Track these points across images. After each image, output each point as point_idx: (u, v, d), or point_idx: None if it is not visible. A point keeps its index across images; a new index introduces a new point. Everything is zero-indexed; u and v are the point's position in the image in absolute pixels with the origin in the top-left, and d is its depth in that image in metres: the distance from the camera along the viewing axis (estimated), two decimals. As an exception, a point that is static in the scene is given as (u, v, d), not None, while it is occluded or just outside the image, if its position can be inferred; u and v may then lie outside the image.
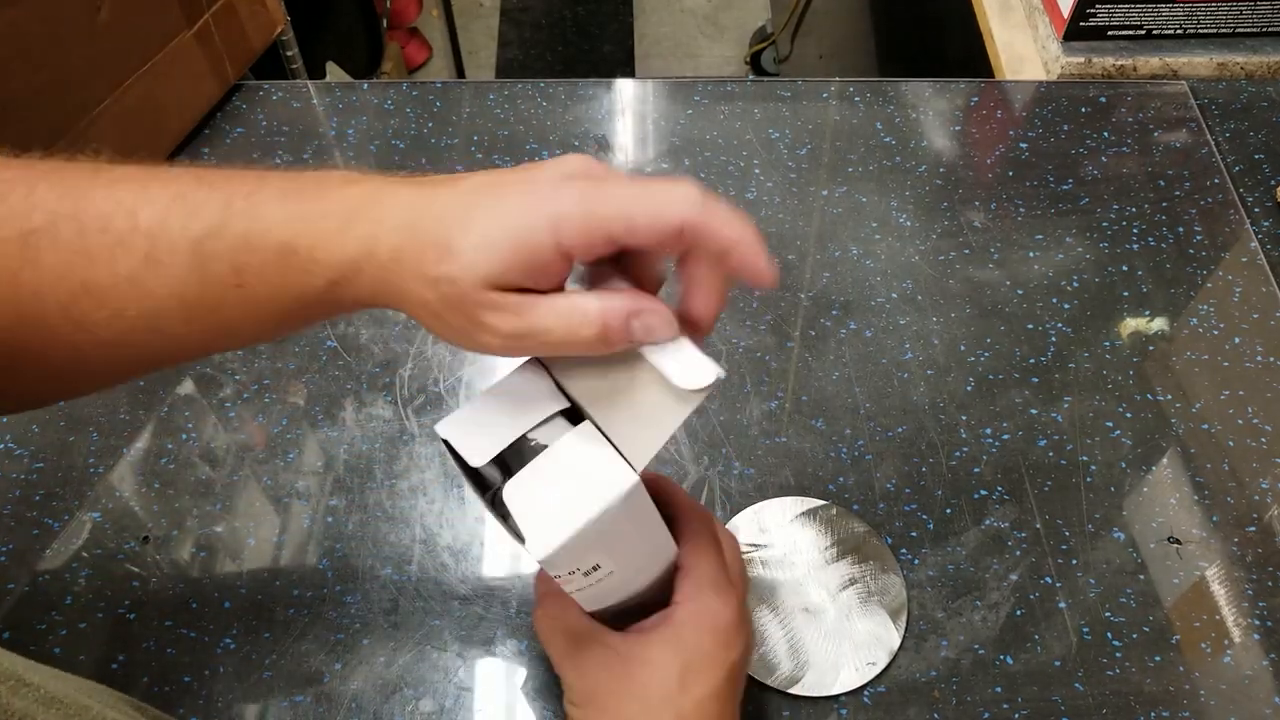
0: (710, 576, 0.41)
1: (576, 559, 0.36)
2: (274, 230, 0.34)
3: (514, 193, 0.33)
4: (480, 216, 0.32)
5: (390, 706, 0.51)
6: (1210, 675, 0.53)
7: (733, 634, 0.41)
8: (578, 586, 0.38)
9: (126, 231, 0.35)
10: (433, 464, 0.60)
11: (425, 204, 0.33)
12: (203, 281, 0.35)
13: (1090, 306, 0.68)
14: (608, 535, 0.36)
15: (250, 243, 0.35)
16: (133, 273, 0.35)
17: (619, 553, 0.38)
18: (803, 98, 0.80)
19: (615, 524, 0.35)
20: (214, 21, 0.73)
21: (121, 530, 0.57)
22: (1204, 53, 0.84)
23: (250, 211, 0.35)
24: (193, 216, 0.35)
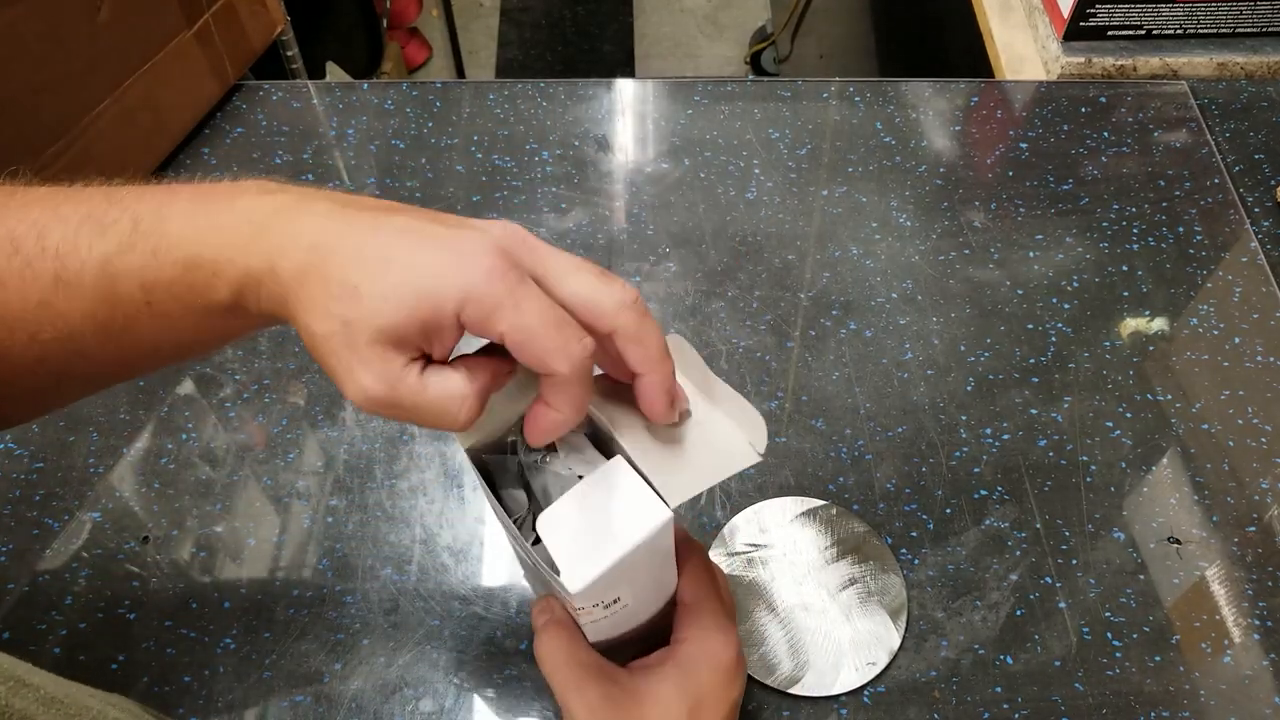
0: (713, 614, 0.42)
1: (604, 592, 0.36)
2: (181, 244, 0.34)
3: (433, 249, 0.32)
4: (394, 267, 0.31)
5: (390, 706, 0.51)
6: (1210, 675, 0.53)
7: (734, 672, 0.41)
8: (594, 618, 0.38)
9: (36, 254, 0.34)
10: (433, 464, 0.60)
11: (341, 232, 0.32)
12: (112, 301, 0.34)
13: (1090, 306, 0.68)
14: (635, 569, 0.36)
15: (157, 259, 0.34)
16: (43, 296, 0.34)
17: (638, 585, 0.38)
18: (803, 98, 0.80)
19: (644, 558, 0.36)
20: (214, 21, 0.73)
21: (121, 530, 0.57)
22: (1204, 53, 0.84)
23: (158, 227, 0.34)
24: (100, 235, 0.34)
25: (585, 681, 0.40)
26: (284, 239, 0.32)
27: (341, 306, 0.31)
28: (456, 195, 0.72)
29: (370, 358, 0.32)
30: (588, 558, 0.34)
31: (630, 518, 0.35)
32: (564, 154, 0.75)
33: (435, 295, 0.31)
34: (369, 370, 0.32)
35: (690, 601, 0.42)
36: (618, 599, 0.37)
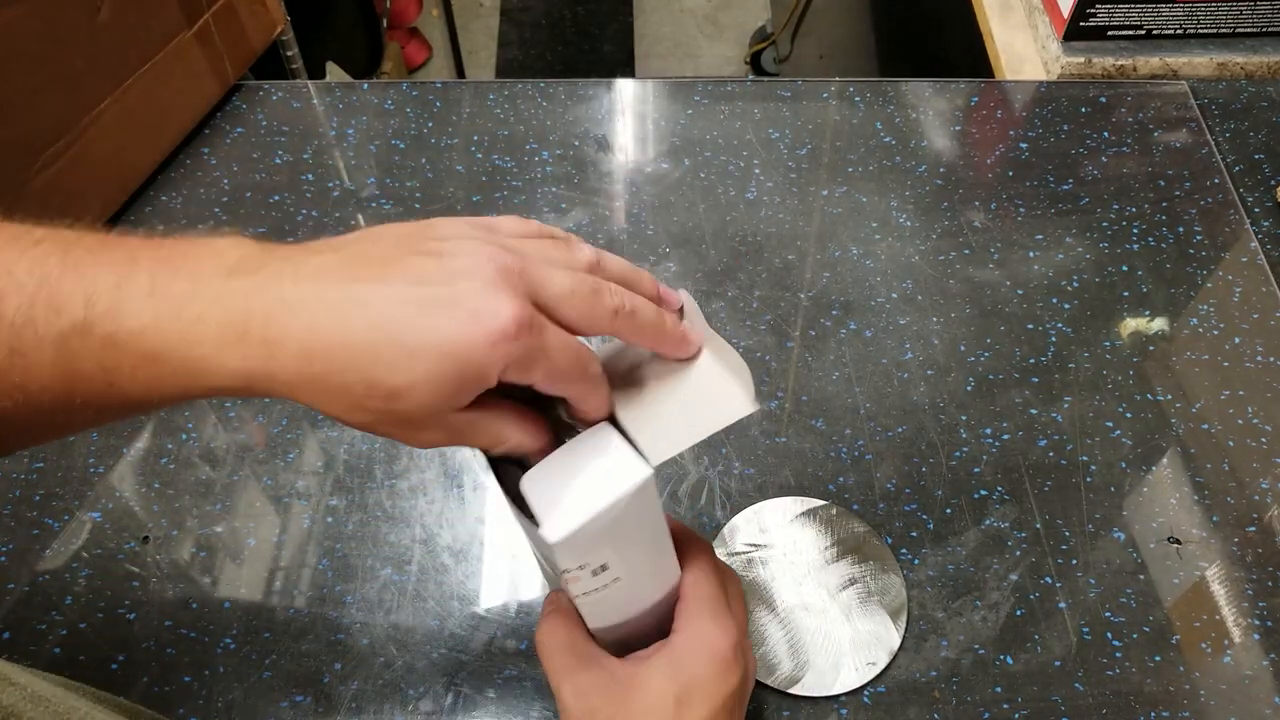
0: (708, 603, 0.41)
1: (588, 551, 0.36)
2: (144, 335, 0.31)
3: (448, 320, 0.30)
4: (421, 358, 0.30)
5: (390, 706, 0.51)
6: (1210, 675, 0.53)
7: (729, 663, 0.40)
8: (584, 588, 0.38)
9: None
10: (432, 464, 0.60)
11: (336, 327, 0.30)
12: (70, 379, 0.32)
13: (1090, 306, 0.68)
14: (619, 530, 0.36)
15: (117, 347, 0.32)
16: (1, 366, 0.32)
17: (628, 555, 0.38)
18: (803, 98, 0.80)
19: (627, 517, 0.36)
20: (214, 21, 0.73)
21: (121, 530, 0.57)
22: (1204, 53, 0.84)
23: (115, 310, 0.31)
24: (57, 313, 0.32)
25: (576, 668, 0.40)
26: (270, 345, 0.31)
27: (380, 403, 0.31)
28: (456, 195, 0.72)
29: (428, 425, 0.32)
30: (567, 511, 0.35)
31: (611, 476, 0.36)
32: (564, 154, 0.75)
33: (479, 371, 0.31)
34: (428, 433, 0.33)
35: (688, 594, 0.42)
36: (605, 566, 0.37)
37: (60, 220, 0.35)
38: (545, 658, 0.41)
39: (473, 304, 0.31)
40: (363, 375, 0.30)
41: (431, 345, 0.30)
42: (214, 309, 0.31)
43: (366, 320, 0.30)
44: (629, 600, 0.41)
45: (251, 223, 0.70)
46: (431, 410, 0.31)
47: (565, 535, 0.35)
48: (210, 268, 0.32)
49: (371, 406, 0.31)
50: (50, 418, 0.34)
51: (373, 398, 0.31)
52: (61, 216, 0.36)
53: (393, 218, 0.71)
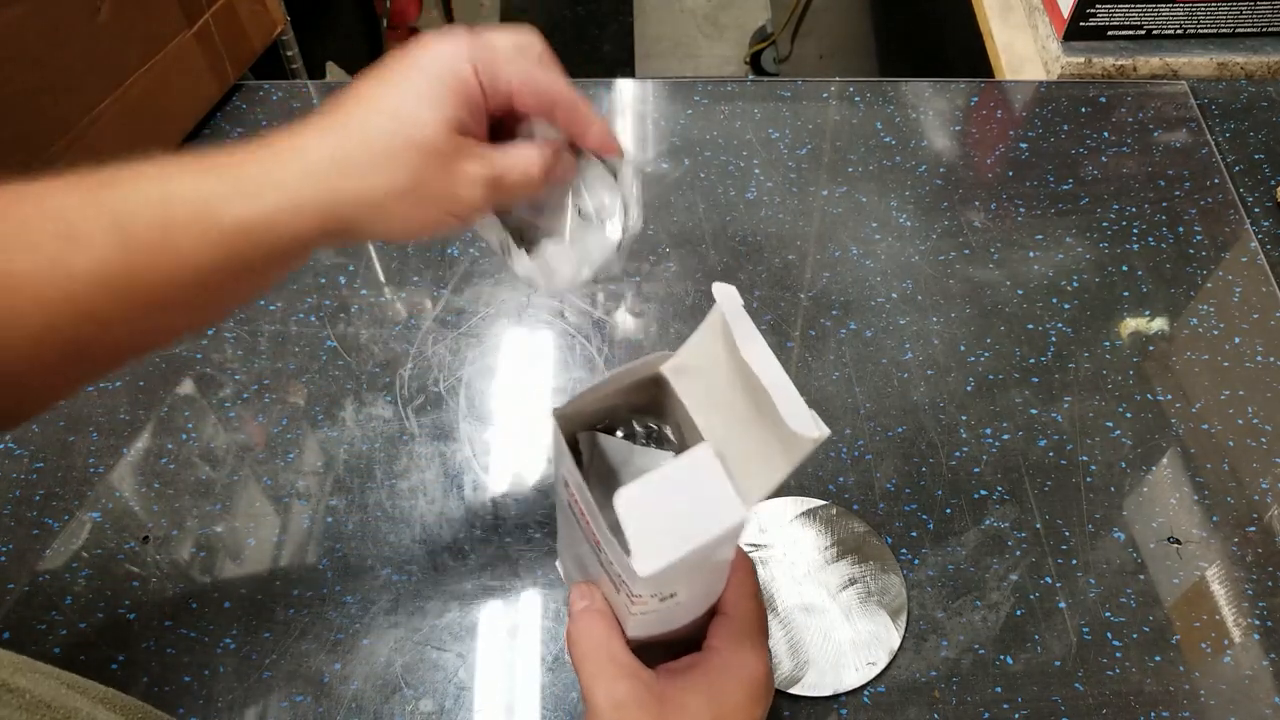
0: (750, 627, 0.41)
1: (666, 584, 0.35)
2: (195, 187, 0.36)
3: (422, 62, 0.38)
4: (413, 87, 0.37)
5: (390, 706, 0.51)
6: (1210, 675, 0.53)
7: (763, 688, 0.41)
8: (645, 609, 0.37)
9: (37, 215, 0.34)
10: (433, 464, 0.60)
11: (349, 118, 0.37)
12: (125, 248, 0.34)
13: (1090, 306, 0.68)
14: (700, 566, 0.35)
15: (171, 200, 0.35)
16: (54, 253, 0.34)
17: (696, 583, 0.37)
18: (803, 98, 0.80)
19: (711, 557, 0.35)
20: (214, 21, 0.73)
21: (121, 530, 0.57)
22: (1204, 53, 0.84)
23: (166, 175, 0.36)
24: (105, 187, 0.35)
25: (615, 676, 0.39)
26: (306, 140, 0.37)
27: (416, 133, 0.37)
28: (456, 195, 0.72)
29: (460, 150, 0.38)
30: (661, 545, 0.34)
31: (708, 511, 0.34)
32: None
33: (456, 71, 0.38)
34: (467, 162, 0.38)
35: (730, 611, 0.41)
36: (674, 594, 0.37)
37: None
38: (580, 658, 0.40)
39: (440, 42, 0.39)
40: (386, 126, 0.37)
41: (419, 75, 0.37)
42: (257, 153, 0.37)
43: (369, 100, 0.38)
44: (678, 617, 0.40)
45: (251, 223, 0.70)
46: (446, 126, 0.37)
47: (655, 572, 0.33)
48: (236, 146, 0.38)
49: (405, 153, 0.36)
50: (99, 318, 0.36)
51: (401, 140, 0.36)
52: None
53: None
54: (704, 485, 0.35)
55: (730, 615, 0.41)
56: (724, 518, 0.34)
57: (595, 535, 0.36)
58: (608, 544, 0.35)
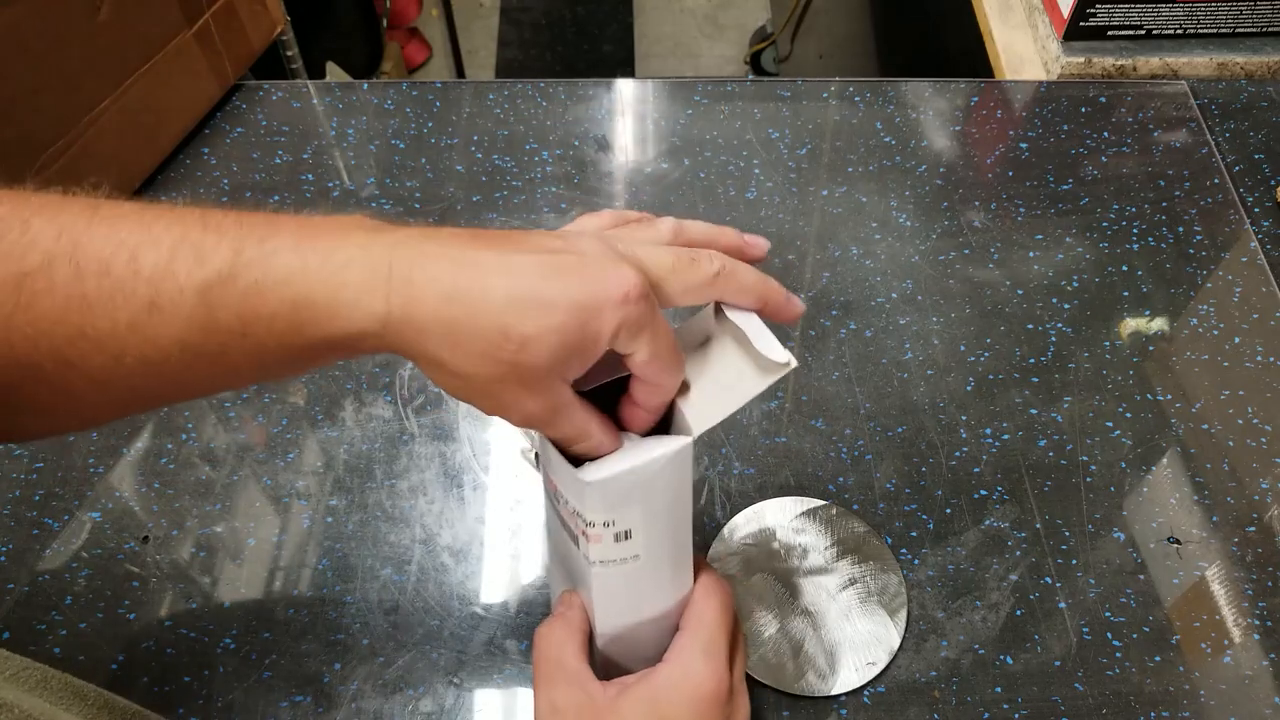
0: (706, 635, 0.40)
1: (617, 505, 0.37)
2: (290, 281, 0.33)
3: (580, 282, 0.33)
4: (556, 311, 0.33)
5: (390, 706, 0.51)
6: (1210, 675, 0.53)
7: (713, 707, 0.39)
8: (605, 554, 0.38)
9: (128, 277, 0.33)
10: (432, 464, 0.60)
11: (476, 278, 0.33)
12: (207, 330, 0.34)
13: (1090, 306, 0.68)
14: (650, 493, 0.37)
15: (262, 293, 0.33)
16: (134, 319, 0.33)
17: (652, 530, 0.38)
18: (803, 97, 0.80)
19: (660, 482, 0.37)
20: (214, 21, 0.73)
21: (121, 530, 0.57)
22: (1204, 53, 0.84)
23: (263, 261, 0.33)
24: (200, 263, 0.33)
25: (559, 681, 0.39)
26: (413, 286, 0.33)
27: (510, 352, 0.33)
28: (456, 195, 0.72)
29: (542, 389, 0.34)
30: (607, 463, 0.36)
31: (657, 443, 0.37)
32: (564, 154, 0.75)
33: (598, 329, 0.33)
34: (537, 399, 0.35)
35: (689, 624, 0.41)
36: (629, 533, 0.37)
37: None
38: (535, 660, 0.41)
39: (601, 269, 0.34)
40: (499, 320, 0.32)
41: (565, 298, 0.33)
42: (359, 256, 0.33)
43: (506, 273, 0.33)
44: (641, 592, 0.40)
45: (251, 223, 0.70)
46: (550, 366, 0.34)
47: (600, 478, 0.35)
48: (351, 226, 0.34)
49: (502, 356, 0.33)
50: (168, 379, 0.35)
51: (506, 345, 0.33)
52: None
53: (393, 218, 0.71)
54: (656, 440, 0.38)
55: (687, 628, 0.40)
56: (670, 443, 0.37)
57: (554, 483, 0.38)
58: (557, 469, 0.37)
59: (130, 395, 0.36)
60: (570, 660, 0.40)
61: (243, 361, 0.35)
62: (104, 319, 0.33)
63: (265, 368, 0.35)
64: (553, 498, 0.40)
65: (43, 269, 0.33)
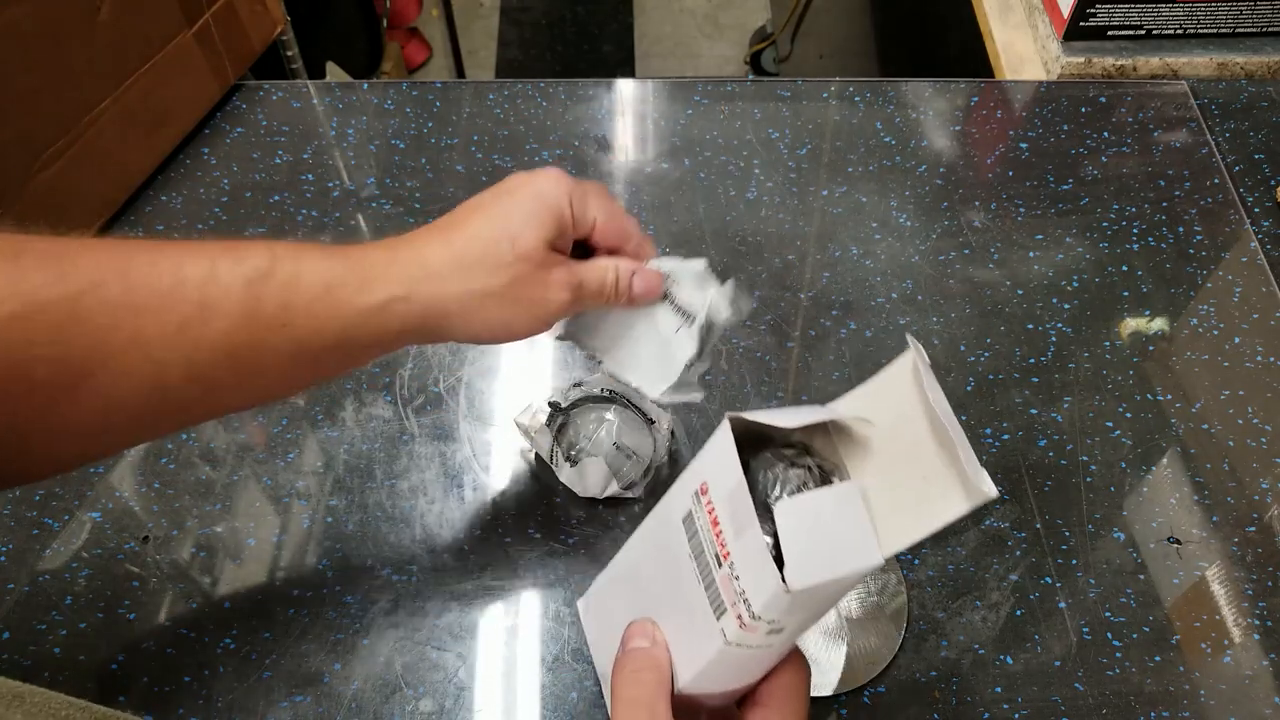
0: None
1: (792, 611, 0.34)
2: (321, 271, 0.39)
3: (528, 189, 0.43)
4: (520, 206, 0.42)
5: (390, 706, 0.51)
6: (1210, 675, 0.53)
7: None
8: (743, 641, 0.35)
9: (175, 284, 0.37)
10: (433, 464, 0.60)
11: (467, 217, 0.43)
12: (251, 325, 0.38)
13: (1090, 306, 0.68)
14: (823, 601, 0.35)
15: (299, 281, 0.39)
16: (184, 321, 0.37)
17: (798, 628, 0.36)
18: (803, 97, 0.80)
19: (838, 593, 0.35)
20: (214, 21, 0.73)
21: (121, 530, 0.57)
22: (1204, 53, 0.84)
23: (296, 257, 0.39)
24: (240, 262, 0.38)
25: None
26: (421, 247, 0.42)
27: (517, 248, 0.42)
28: (456, 195, 0.72)
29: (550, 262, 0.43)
30: (812, 564, 0.33)
31: (849, 546, 0.34)
32: (564, 154, 0.75)
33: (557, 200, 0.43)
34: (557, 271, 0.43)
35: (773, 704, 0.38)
36: (782, 629, 0.35)
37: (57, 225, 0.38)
38: (620, 701, 0.38)
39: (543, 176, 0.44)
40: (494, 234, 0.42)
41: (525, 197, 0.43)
42: (378, 249, 0.42)
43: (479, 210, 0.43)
44: (746, 672, 0.38)
45: (251, 223, 0.70)
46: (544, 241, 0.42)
47: (804, 586, 0.33)
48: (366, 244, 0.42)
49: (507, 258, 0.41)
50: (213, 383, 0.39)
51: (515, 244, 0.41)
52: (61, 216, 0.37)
53: (393, 218, 0.71)
54: (847, 520, 0.35)
55: (772, 709, 0.38)
56: (861, 557, 0.34)
57: (725, 547, 0.35)
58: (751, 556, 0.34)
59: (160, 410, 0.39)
60: (661, 712, 0.37)
61: (278, 358, 0.39)
62: (153, 325, 0.36)
63: (299, 365, 0.40)
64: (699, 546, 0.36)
65: (93, 288, 0.36)
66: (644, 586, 0.41)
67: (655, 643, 0.38)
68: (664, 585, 0.39)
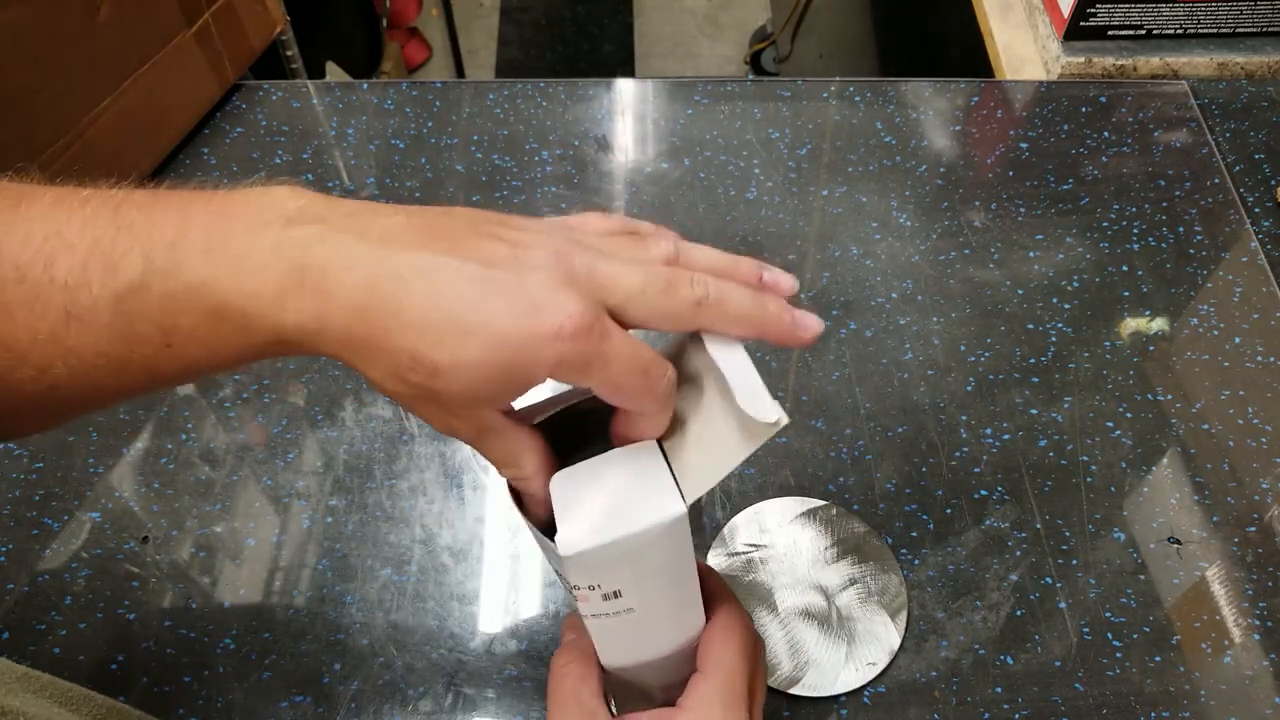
0: (723, 686, 0.37)
1: (600, 574, 0.34)
2: (202, 292, 0.30)
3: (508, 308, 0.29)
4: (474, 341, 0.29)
5: (390, 707, 0.51)
6: (1211, 675, 0.53)
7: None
8: (594, 610, 0.36)
9: (44, 284, 0.31)
10: (432, 464, 0.60)
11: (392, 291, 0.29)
12: (128, 341, 0.31)
13: (1090, 306, 0.68)
14: (638, 561, 0.34)
15: (177, 304, 0.31)
16: (53, 331, 0.31)
17: (645, 589, 0.36)
18: (803, 97, 0.80)
19: (649, 551, 0.34)
20: (213, 21, 0.73)
21: (121, 530, 0.57)
22: (1204, 52, 0.84)
23: (173, 269, 0.30)
24: (111, 272, 0.31)
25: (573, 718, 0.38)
26: (322, 299, 0.30)
27: (420, 378, 0.30)
28: (456, 195, 0.72)
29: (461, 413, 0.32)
30: (587, 527, 0.32)
31: (646, 502, 0.33)
32: (564, 154, 0.75)
33: (527, 367, 0.30)
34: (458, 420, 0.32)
35: (708, 669, 0.38)
36: (618, 593, 0.35)
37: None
38: (551, 691, 0.39)
39: (536, 297, 0.30)
40: (410, 346, 0.29)
41: (486, 329, 0.29)
42: (272, 260, 0.30)
43: (427, 290, 0.29)
44: (641, 638, 0.38)
45: (251, 223, 0.70)
46: (469, 397, 0.30)
47: (575, 552, 0.32)
48: (268, 217, 0.31)
49: (412, 380, 0.30)
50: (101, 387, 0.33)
51: (415, 371, 0.29)
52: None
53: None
54: (644, 476, 0.34)
55: (707, 673, 0.38)
56: (660, 509, 0.33)
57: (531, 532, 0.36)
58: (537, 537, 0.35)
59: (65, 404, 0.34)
60: (587, 699, 0.38)
61: (173, 371, 0.33)
62: (24, 331, 0.31)
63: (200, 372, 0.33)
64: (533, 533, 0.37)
65: None
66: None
67: (580, 633, 0.40)
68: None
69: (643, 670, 0.40)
